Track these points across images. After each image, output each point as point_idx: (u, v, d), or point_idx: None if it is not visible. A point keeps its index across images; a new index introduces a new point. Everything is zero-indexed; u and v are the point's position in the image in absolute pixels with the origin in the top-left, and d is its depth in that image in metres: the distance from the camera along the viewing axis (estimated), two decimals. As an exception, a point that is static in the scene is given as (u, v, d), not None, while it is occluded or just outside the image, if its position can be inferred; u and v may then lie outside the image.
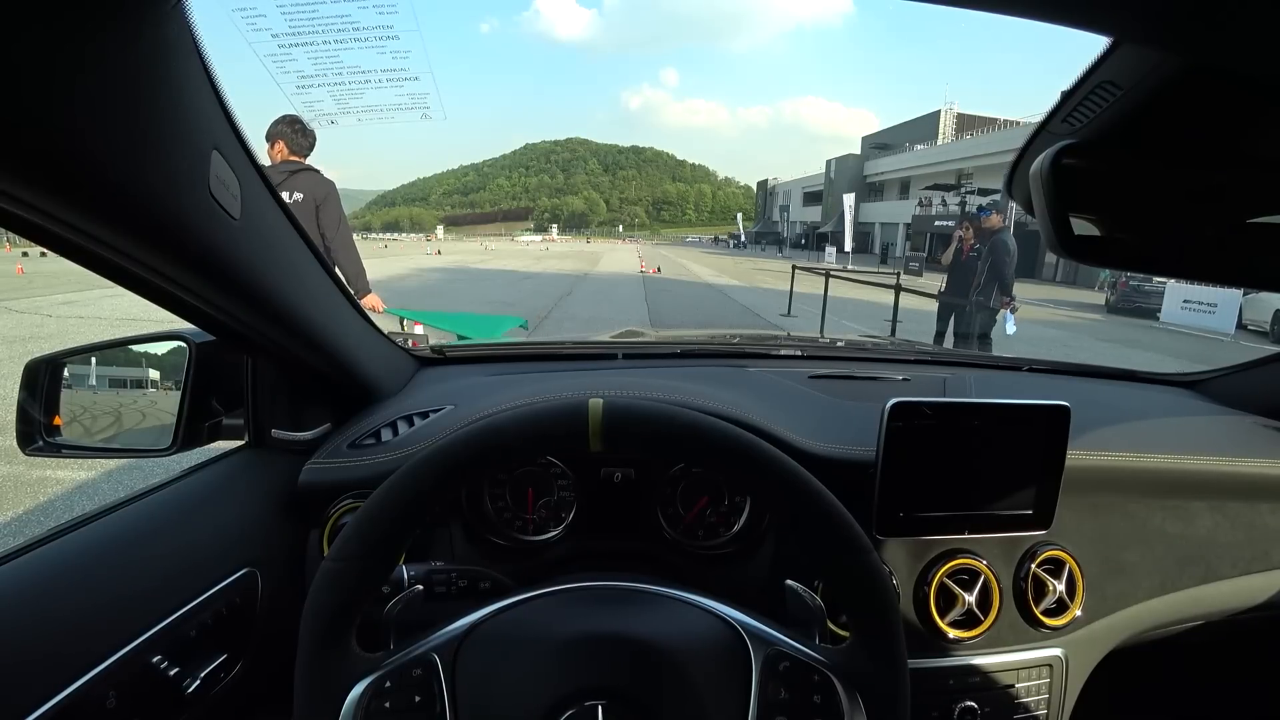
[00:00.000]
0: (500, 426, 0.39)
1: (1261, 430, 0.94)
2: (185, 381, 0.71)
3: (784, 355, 1.12)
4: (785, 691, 0.42)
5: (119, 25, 0.32)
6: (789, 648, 0.44)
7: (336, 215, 2.78)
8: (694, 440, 0.41)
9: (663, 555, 0.76)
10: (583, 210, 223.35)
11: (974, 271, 5.78)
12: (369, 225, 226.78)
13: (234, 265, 0.48)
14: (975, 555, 0.73)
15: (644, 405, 0.40)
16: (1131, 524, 0.82)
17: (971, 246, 5.95)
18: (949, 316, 6.24)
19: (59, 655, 0.45)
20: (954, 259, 6.08)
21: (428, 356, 0.99)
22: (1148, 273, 0.48)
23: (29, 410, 0.70)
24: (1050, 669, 0.75)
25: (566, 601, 0.48)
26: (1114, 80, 0.33)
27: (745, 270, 23.74)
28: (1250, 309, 12.10)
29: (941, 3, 0.26)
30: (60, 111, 0.31)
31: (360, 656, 0.43)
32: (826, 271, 9.48)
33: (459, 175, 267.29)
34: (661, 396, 0.76)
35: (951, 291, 6.19)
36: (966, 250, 6.00)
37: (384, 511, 0.42)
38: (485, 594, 0.53)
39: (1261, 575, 0.86)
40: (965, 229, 6.14)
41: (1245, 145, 0.36)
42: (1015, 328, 5.16)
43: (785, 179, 73.05)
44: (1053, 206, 0.37)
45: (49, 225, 0.36)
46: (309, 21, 0.46)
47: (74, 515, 0.57)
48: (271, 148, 2.77)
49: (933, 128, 48.69)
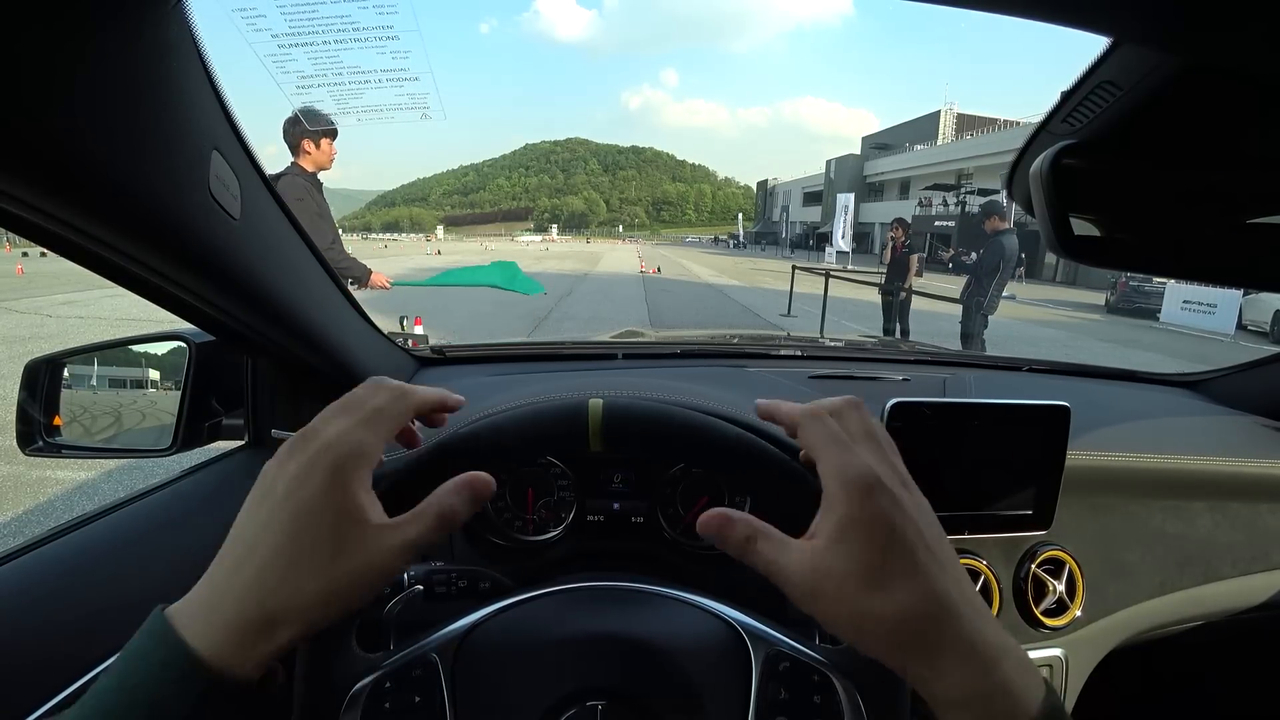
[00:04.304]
0: (499, 427, 0.39)
1: (1261, 430, 0.94)
2: (185, 381, 0.71)
3: (784, 355, 1.12)
4: (785, 692, 0.42)
5: (119, 25, 0.32)
6: (789, 648, 0.44)
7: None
8: (694, 440, 0.41)
9: (663, 555, 0.76)
10: (583, 210, 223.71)
11: (906, 267, 6.77)
12: (369, 225, 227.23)
13: (234, 265, 0.48)
14: (975, 555, 0.73)
15: (644, 405, 0.40)
16: (1131, 524, 0.82)
17: (903, 245, 6.92)
18: (889, 310, 7.10)
19: (59, 656, 0.45)
20: (892, 255, 7.00)
21: (428, 356, 0.99)
22: (1148, 273, 0.48)
23: (29, 410, 0.70)
24: (1050, 669, 0.75)
25: (566, 601, 0.48)
26: (1114, 80, 0.33)
27: (745, 270, 23.76)
28: (1250, 309, 12.10)
29: (941, 3, 0.26)
30: (60, 111, 0.31)
31: (360, 657, 0.43)
32: (826, 271, 9.49)
33: (459, 175, 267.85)
34: (661, 396, 0.76)
35: (886, 286, 7.17)
36: (899, 248, 6.94)
37: None
38: (485, 594, 0.53)
39: (1261, 575, 0.86)
40: (895, 229, 7.17)
41: (1245, 145, 0.36)
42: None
43: (785, 179, 73.14)
44: (1053, 206, 0.37)
45: (49, 225, 0.36)
46: (309, 21, 0.45)
47: (74, 515, 0.57)
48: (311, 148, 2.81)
49: (933, 128, 48.72)
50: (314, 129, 2.72)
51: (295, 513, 0.32)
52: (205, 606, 0.31)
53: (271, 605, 0.31)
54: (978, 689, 0.29)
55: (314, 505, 0.32)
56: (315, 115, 2.49)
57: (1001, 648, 0.30)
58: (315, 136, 2.78)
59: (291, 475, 0.33)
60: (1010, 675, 0.29)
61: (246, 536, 0.32)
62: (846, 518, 0.31)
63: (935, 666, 0.29)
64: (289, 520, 0.32)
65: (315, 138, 2.79)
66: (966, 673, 0.29)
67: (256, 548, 0.32)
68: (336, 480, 0.33)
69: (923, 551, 0.31)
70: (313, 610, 0.31)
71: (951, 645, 0.29)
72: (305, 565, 0.31)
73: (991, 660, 0.29)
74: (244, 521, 0.33)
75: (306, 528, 0.32)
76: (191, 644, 0.29)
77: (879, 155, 48.72)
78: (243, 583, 0.31)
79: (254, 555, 0.31)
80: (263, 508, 0.33)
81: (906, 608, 0.29)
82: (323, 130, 2.74)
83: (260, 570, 0.31)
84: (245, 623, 0.30)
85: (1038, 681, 0.30)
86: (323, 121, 2.72)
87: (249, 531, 0.32)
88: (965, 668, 0.29)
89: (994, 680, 0.29)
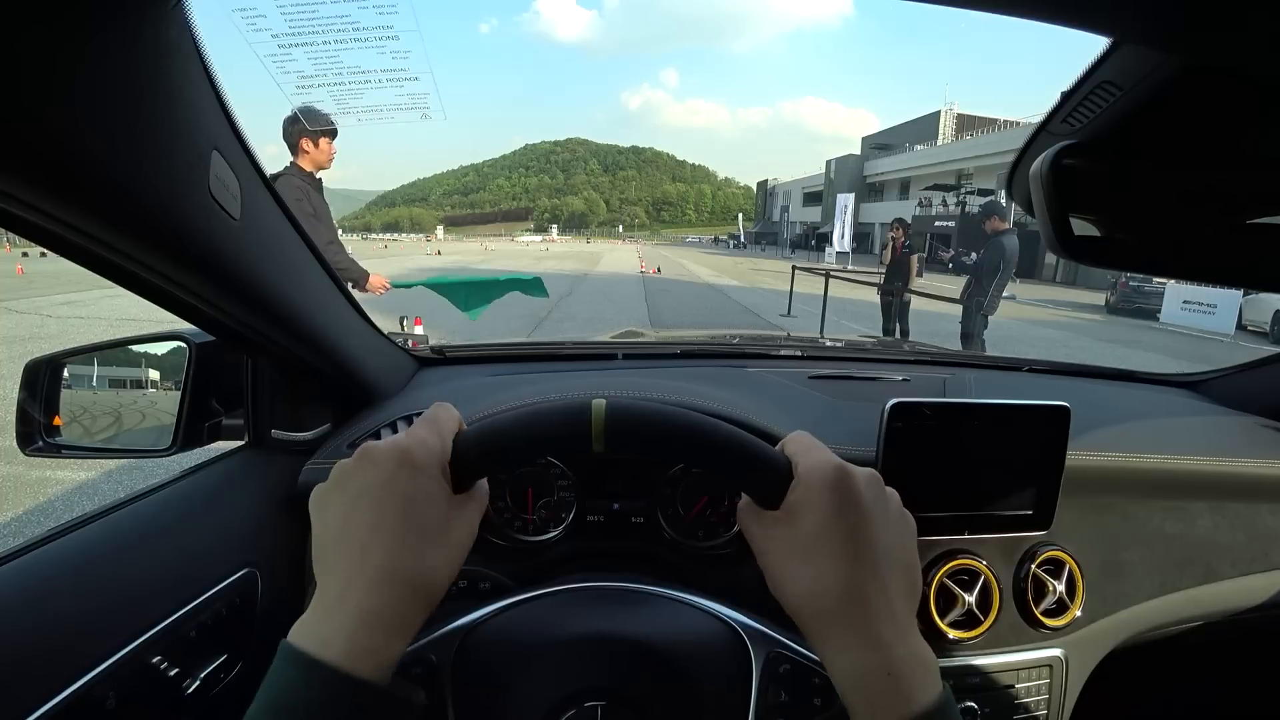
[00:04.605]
0: (501, 427, 0.39)
1: (1262, 430, 0.94)
2: (185, 381, 0.71)
3: (784, 355, 1.12)
4: (785, 694, 0.42)
5: (119, 25, 0.32)
6: (790, 650, 0.44)
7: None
8: (697, 443, 0.40)
9: (663, 555, 0.76)
10: (583, 211, 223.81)
11: (905, 267, 6.75)
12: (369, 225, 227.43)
13: (234, 265, 0.48)
14: (975, 556, 0.73)
15: (647, 407, 0.40)
16: (1131, 524, 0.82)
17: (902, 245, 6.87)
18: (888, 310, 7.13)
19: (59, 656, 0.45)
20: (892, 256, 6.95)
21: (428, 357, 0.99)
22: (1148, 273, 0.48)
23: (29, 410, 0.70)
24: (1050, 669, 0.75)
25: (566, 602, 0.48)
26: (1114, 81, 0.33)
27: (745, 270, 23.76)
28: (1250, 309, 12.11)
29: (942, 3, 0.26)
30: (61, 111, 0.31)
31: None
32: (826, 272, 9.49)
33: (459, 175, 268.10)
34: (662, 397, 0.76)
35: (885, 286, 7.17)
36: (899, 248, 6.88)
37: None
38: (485, 594, 0.53)
39: (1261, 575, 0.86)
40: (895, 229, 7.11)
41: (1245, 145, 0.36)
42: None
43: (785, 179, 73.14)
44: (1053, 207, 0.37)
45: (49, 225, 0.36)
46: (309, 21, 0.46)
47: (74, 515, 0.57)
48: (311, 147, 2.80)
49: (933, 128, 48.73)
50: (313, 128, 2.72)
51: (403, 499, 0.34)
52: (323, 619, 0.32)
53: (401, 585, 0.33)
54: (866, 670, 0.33)
55: (414, 491, 0.35)
56: (314, 114, 2.48)
57: (899, 643, 0.34)
58: (314, 135, 2.78)
59: (377, 476, 0.35)
60: (901, 668, 0.33)
61: (356, 539, 0.34)
62: (804, 500, 0.37)
63: (834, 641, 0.34)
64: (398, 506, 0.34)
65: (314, 137, 2.79)
66: (859, 655, 0.33)
67: (371, 544, 0.33)
68: (423, 469, 0.36)
69: (859, 544, 0.35)
70: (438, 576, 0.34)
71: (850, 626, 0.34)
72: (428, 539, 0.34)
73: (885, 648, 0.33)
74: (340, 529, 0.35)
75: (415, 509, 0.34)
76: (319, 655, 0.30)
77: (879, 155, 48.72)
78: (367, 580, 0.32)
79: (372, 550, 0.33)
80: (361, 510, 0.35)
81: (822, 584, 0.35)
82: (322, 129, 2.74)
83: (388, 558, 0.33)
84: (373, 615, 0.32)
85: (935, 682, 0.34)
86: (322, 121, 2.72)
87: (357, 534, 0.34)
88: (859, 650, 0.33)
89: (882, 666, 0.33)
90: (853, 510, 0.36)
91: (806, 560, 0.35)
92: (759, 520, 0.39)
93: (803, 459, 0.38)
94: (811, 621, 0.35)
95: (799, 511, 0.37)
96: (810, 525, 0.36)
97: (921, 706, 0.32)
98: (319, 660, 0.30)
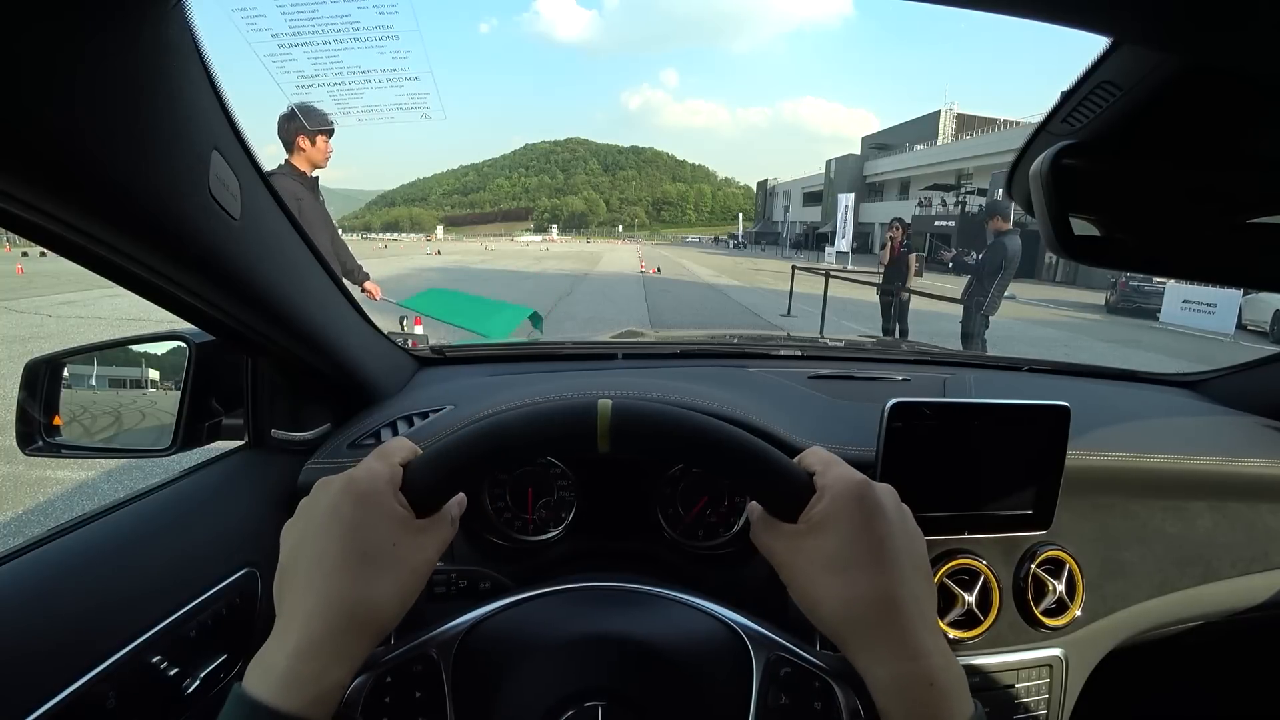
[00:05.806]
0: (505, 426, 0.39)
1: (1261, 430, 0.94)
2: (185, 381, 0.71)
3: (784, 355, 1.12)
4: (786, 697, 0.42)
5: (119, 25, 0.32)
6: (790, 653, 0.44)
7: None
8: (702, 444, 0.40)
9: (663, 555, 0.76)
10: (583, 210, 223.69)
11: (905, 267, 6.78)
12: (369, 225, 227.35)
13: (234, 265, 0.48)
14: (975, 555, 0.73)
15: (653, 407, 0.39)
16: (1131, 524, 0.82)
17: (901, 244, 6.91)
18: (887, 310, 7.16)
19: (59, 655, 0.45)
20: (891, 255, 6.97)
21: (428, 356, 0.99)
22: (1148, 273, 0.48)
23: (29, 410, 0.70)
24: (1050, 669, 0.75)
25: (566, 602, 0.48)
26: (1114, 81, 0.33)
27: (744, 270, 23.76)
28: (1250, 309, 12.10)
29: (941, 3, 0.26)
30: (60, 111, 0.31)
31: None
32: (826, 271, 9.49)
33: (459, 175, 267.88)
34: (663, 397, 0.76)
35: (884, 286, 7.22)
36: (898, 248, 6.92)
37: None
38: (485, 594, 0.53)
39: (1261, 575, 0.86)
40: (894, 229, 7.15)
41: (1245, 145, 0.36)
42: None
43: (785, 179, 73.10)
44: (1053, 206, 0.37)
45: (49, 225, 0.36)
46: (309, 21, 0.46)
47: (74, 515, 0.57)
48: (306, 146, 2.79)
49: (932, 128, 48.71)
50: (311, 126, 2.71)
51: (346, 528, 0.35)
52: (269, 647, 0.33)
53: (341, 614, 0.33)
54: (909, 681, 0.33)
55: (359, 519, 0.35)
56: (312, 112, 2.47)
57: (938, 653, 0.34)
58: (311, 133, 2.77)
59: (325, 506, 0.36)
60: (941, 678, 0.33)
61: (303, 569, 0.35)
62: (830, 512, 0.37)
63: (874, 652, 0.34)
64: (342, 535, 0.35)
65: (311, 135, 2.77)
66: (901, 665, 0.34)
67: (313, 574, 0.34)
68: (369, 497, 0.36)
69: (887, 554, 0.36)
70: (386, 603, 0.35)
71: (886, 634, 0.34)
72: (375, 566, 0.35)
73: (925, 657, 0.34)
74: (292, 560, 0.36)
75: (359, 537, 0.35)
76: (255, 693, 0.31)
77: (879, 155, 48.70)
78: (308, 609, 0.33)
79: (314, 579, 0.34)
80: (308, 542, 0.35)
81: (857, 594, 0.35)
82: (319, 128, 2.73)
83: (330, 586, 0.33)
84: (312, 644, 0.32)
85: (969, 697, 0.34)
86: (320, 119, 2.71)
87: (305, 564, 0.35)
88: (901, 660, 0.34)
89: (920, 672, 0.33)
90: (881, 522, 0.37)
91: (838, 572, 0.36)
92: (778, 535, 0.39)
93: (826, 473, 0.39)
94: (848, 632, 0.35)
95: (826, 524, 0.37)
96: (840, 537, 0.36)
97: (961, 710, 0.33)
98: (248, 696, 0.31)
